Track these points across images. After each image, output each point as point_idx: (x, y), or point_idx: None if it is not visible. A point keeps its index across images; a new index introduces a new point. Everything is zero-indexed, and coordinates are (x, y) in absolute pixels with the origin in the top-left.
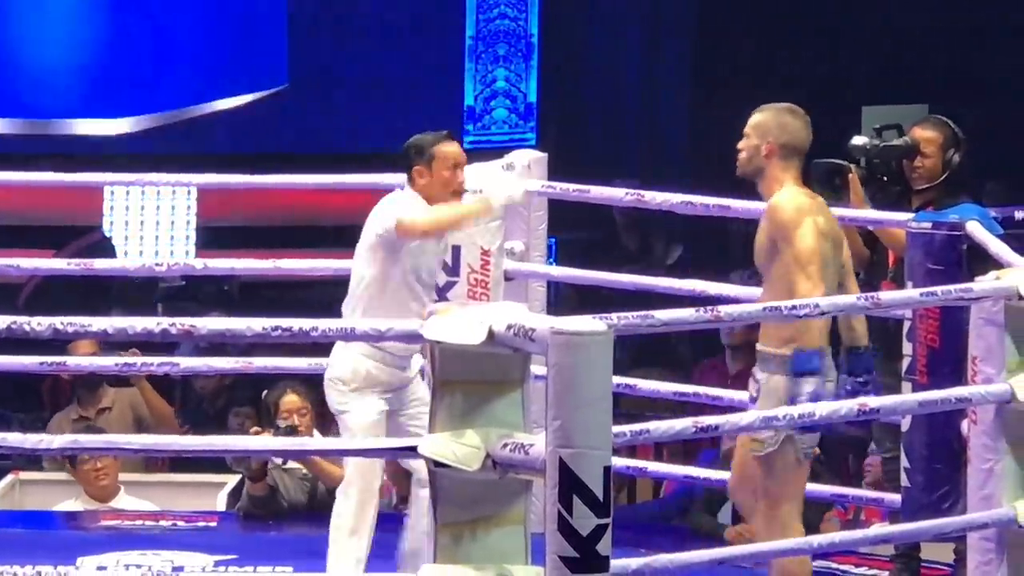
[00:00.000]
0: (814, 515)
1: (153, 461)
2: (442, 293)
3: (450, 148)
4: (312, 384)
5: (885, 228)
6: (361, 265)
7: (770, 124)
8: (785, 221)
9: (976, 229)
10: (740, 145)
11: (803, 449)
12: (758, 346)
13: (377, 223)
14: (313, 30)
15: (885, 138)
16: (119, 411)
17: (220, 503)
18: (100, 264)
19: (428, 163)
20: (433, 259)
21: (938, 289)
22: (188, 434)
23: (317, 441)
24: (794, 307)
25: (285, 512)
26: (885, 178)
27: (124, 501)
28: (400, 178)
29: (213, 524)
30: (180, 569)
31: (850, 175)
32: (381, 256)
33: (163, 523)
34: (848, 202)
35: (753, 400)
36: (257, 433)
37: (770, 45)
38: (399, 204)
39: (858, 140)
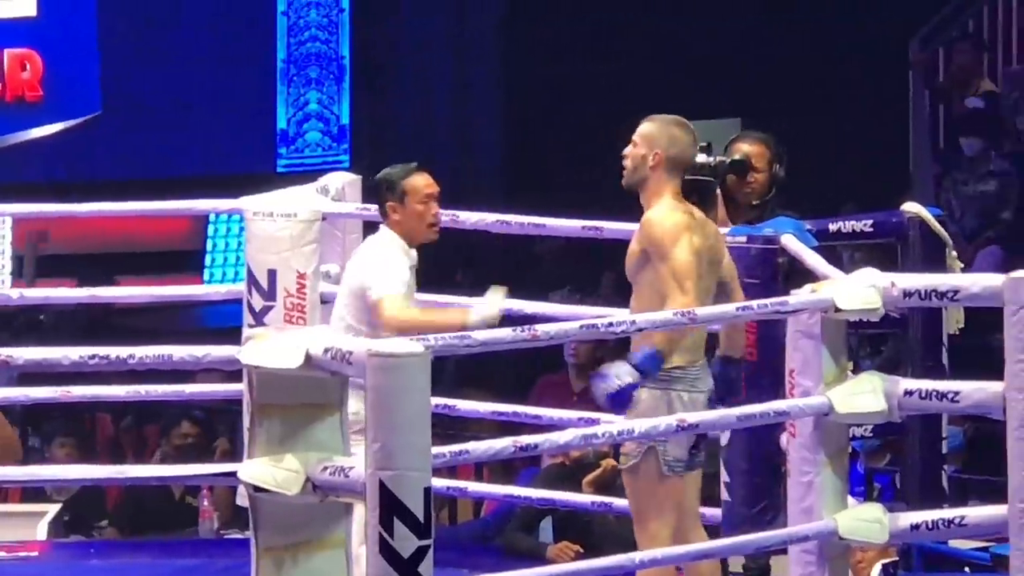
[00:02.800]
0: None
1: None
2: (258, 318)
3: (421, 180)
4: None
5: None
6: (341, 308)
7: (659, 135)
8: (660, 237)
9: (791, 242)
10: (626, 152)
11: (668, 462)
12: None
13: (363, 278)
14: (125, 56)
15: (712, 155)
16: None
17: (40, 532)
18: None
19: (400, 198)
20: (412, 292)
21: (754, 303)
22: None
23: (140, 469)
24: (611, 324)
25: None
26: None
27: None
28: (217, 204)
29: (35, 554)
30: None
31: (716, 193)
32: (360, 306)
33: None
34: (714, 219)
35: None
36: None
37: (580, 60)
38: (383, 265)
39: (701, 157)
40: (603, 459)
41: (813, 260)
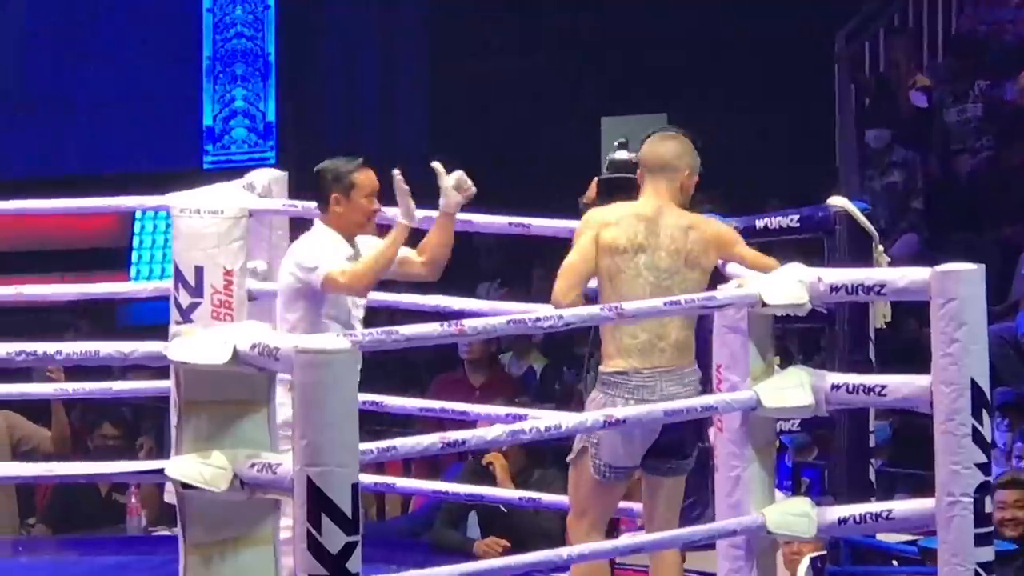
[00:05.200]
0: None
1: None
2: (185, 314)
3: (368, 175)
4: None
5: None
6: (283, 310)
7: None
8: (576, 230)
9: None
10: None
11: (598, 466)
12: None
13: (298, 270)
14: (47, 53)
15: (632, 151)
16: None
17: None
18: None
19: (346, 191)
20: (349, 299)
21: (681, 297)
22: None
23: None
24: (537, 319)
25: None
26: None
27: None
28: (143, 200)
29: None
30: None
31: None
32: (303, 304)
33: None
34: None
35: None
36: None
37: (507, 56)
38: (318, 251)
39: (620, 155)
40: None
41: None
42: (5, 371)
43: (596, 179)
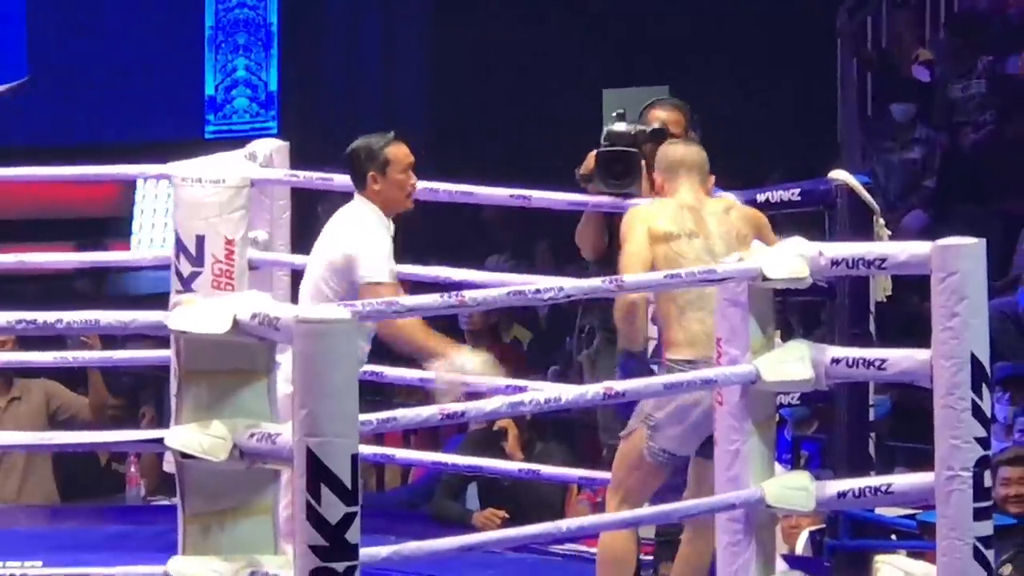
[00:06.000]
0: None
1: None
2: (186, 284)
3: (402, 150)
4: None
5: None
6: (319, 279)
7: (657, 163)
8: (622, 230)
9: None
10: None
11: (652, 448)
12: None
13: (349, 251)
14: (52, 21)
15: (630, 123)
16: (31, 402)
17: None
18: None
19: (382, 168)
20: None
21: (682, 271)
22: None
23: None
24: (538, 291)
25: None
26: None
27: None
28: (145, 169)
29: None
30: None
31: (641, 163)
32: (335, 289)
33: None
34: (638, 190)
35: None
36: None
37: (510, 26)
38: (373, 252)
39: (620, 126)
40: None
41: None
42: (41, 339)
43: (595, 152)
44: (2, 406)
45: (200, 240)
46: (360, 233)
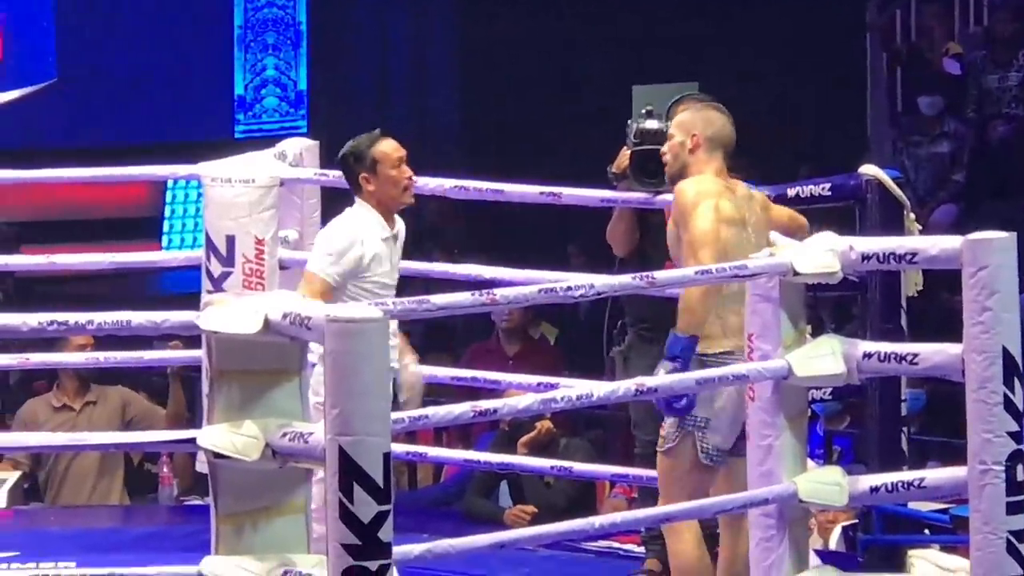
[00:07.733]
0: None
1: None
2: (217, 284)
3: (389, 145)
4: None
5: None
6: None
7: (694, 120)
8: (684, 204)
9: None
10: (664, 148)
11: (707, 450)
12: None
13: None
14: (81, 22)
15: (660, 120)
16: (107, 407)
17: (0, 499)
18: None
19: (371, 167)
20: (389, 263)
21: (712, 267)
22: None
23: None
24: (569, 288)
25: None
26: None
27: None
28: (175, 170)
29: None
30: None
31: None
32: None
33: None
34: (669, 187)
35: None
36: None
37: (539, 24)
38: (327, 248)
39: (651, 124)
40: (538, 421)
41: None
42: (121, 340)
43: (629, 151)
44: (77, 408)
45: (230, 240)
46: (328, 231)
